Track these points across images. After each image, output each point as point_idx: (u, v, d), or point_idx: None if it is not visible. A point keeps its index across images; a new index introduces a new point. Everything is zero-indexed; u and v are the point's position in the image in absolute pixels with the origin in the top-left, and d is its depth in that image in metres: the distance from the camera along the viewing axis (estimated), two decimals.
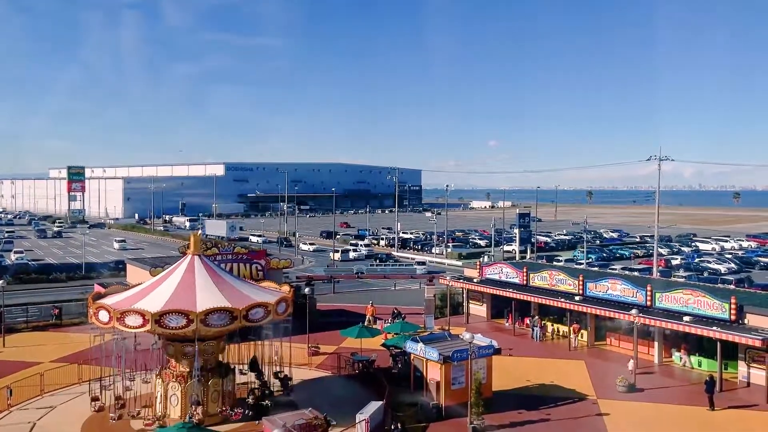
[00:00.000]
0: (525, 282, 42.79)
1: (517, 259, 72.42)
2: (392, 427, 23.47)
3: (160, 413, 26.19)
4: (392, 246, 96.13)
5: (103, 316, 24.74)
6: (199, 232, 55.39)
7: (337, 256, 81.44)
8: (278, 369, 30.15)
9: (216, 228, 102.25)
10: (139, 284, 28.19)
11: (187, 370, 25.89)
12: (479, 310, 46.91)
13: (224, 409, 25.78)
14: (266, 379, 29.45)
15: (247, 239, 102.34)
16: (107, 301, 26.14)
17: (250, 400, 26.45)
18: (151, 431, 24.80)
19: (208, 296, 25.06)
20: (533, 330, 40.95)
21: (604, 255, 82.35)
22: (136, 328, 24.14)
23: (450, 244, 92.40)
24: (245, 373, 30.15)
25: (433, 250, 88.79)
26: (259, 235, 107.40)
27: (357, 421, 24.22)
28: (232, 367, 28.60)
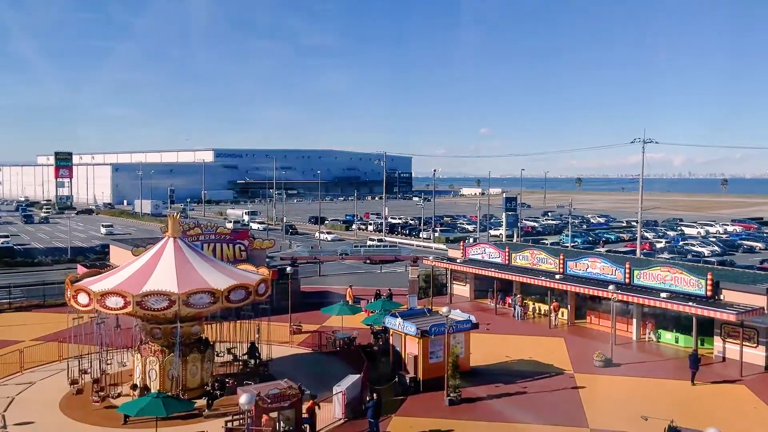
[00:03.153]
0: (507, 262, 43.07)
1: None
2: (368, 399, 23.67)
3: (115, 391, 26.41)
4: (380, 231, 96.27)
5: (69, 293, 25.58)
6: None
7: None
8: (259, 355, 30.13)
9: (145, 207, 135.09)
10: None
11: (161, 347, 26.06)
12: (462, 290, 47.18)
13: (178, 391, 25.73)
14: (251, 366, 29.63)
15: (247, 225, 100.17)
16: (81, 281, 26.70)
17: (209, 388, 26.07)
18: (99, 406, 25.13)
19: (159, 279, 25.01)
20: (514, 309, 41.28)
21: (590, 239, 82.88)
22: (85, 306, 24.85)
23: (438, 229, 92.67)
24: (242, 357, 30.31)
25: (420, 235, 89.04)
26: (261, 222, 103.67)
27: (334, 393, 24.46)
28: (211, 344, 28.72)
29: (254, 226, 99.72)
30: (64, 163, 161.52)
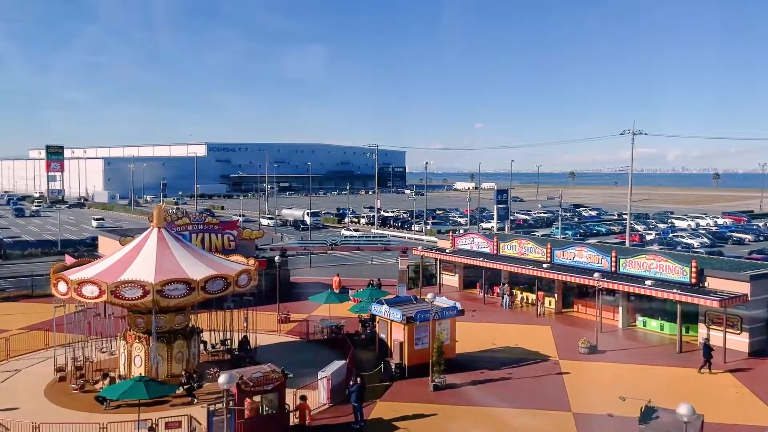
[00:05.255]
0: (495, 251, 43.20)
1: None
2: (351, 384, 23.78)
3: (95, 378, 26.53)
4: (372, 224, 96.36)
5: (52, 282, 25.99)
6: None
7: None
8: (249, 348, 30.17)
9: (101, 197, 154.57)
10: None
11: (146, 334, 26.10)
12: (452, 280, 47.33)
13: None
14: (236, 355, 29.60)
15: (255, 221, 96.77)
16: (65, 271, 26.78)
17: (183, 379, 25.80)
18: (78, 393, 25.25)
19: (138, 269, 25.02)
20: (502, 298, 41.46)
21: (581, 231, 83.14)
22: (64, 294, 25.03)
23: (430, 222, 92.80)
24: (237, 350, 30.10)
25: (412, 228, 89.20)
26: (270, 218, 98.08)
27: (318, 378, 24.57)
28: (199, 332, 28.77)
29: (263, 222, 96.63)
30: (55, 156, 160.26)
